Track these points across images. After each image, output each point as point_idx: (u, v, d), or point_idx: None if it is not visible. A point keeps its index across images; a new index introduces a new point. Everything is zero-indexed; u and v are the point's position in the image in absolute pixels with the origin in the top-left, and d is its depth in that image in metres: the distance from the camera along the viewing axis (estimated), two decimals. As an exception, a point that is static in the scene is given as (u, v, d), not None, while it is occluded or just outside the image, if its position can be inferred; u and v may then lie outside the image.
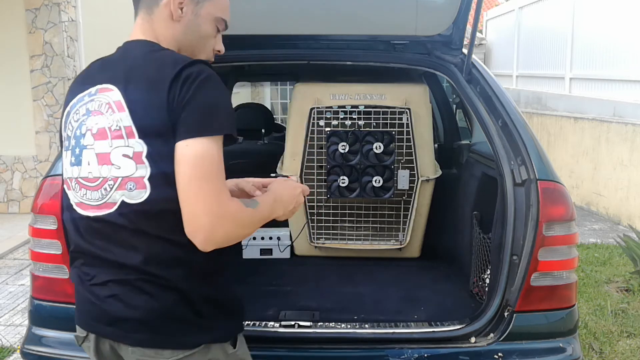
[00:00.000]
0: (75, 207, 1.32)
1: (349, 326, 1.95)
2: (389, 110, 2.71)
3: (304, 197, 1.46)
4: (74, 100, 1.33)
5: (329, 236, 2.85)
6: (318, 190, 2.77)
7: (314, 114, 2.71)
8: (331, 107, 2.72)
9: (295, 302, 2.27)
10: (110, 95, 1.26)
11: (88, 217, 1.29)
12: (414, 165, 2.73)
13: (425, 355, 1.85)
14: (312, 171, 2.76)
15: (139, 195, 1.22)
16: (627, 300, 3.72)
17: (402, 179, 2.74)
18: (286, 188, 1.42)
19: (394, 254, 2.87)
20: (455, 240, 2.75)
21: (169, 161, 1.19)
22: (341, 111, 2.73)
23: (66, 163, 1.34)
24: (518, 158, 1.93)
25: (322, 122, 2.72)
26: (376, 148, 2.71)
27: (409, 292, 2.41)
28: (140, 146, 1.21)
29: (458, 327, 1.90)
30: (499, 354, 1.85)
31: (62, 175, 1.39)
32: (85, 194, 1.29)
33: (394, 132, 2.71)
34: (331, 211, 2.82)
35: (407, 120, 2.70)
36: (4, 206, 6.06)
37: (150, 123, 1.20)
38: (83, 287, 1.33)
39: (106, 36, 6.52)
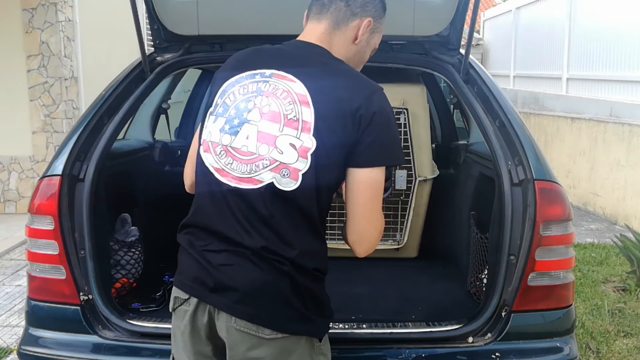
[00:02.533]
0: (213, 171, 1.37)
1: (346, 326, 1.95)
2: (386, 110, 2.71)
3: None
4: (243, 75, 1.41)
5: (326, 236, 2.84)
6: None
7: (311, 114, 2.71)
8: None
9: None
10: (291, 85, 1.35)
11: (226, 186, 1.35)
12: (412, 165, 2.73)
13: (423, 355, 1.85)
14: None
15: (289, 184, 1.31)
16: (624, 300, 3.73)
17: (400, 179, 2.74)
18: None
19: (392, 254, 2.87)
20: (453, 240, 2.76)
21: (328, 166, 1.32)
22: (339, 111, 2.73)
23: (213, 127, 1.40)
24: (515, 158, 1.93)
25: (319, 122, 2.71)
26: (374, 148, 2.70)
27: (407, 292, 2.41)
28: (311, 143, 1.31)
29: (456, 327, 1.90)
30: (497, 354, 1.86)
31: (200, 137, 1.45)
32: (231, 163, 1.35)
33: (391, 132, 2.71)
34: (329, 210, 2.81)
35: (405, 120, 2.70)
36: (1, 206, 6.04)
37: (329, 128, 1.31)
38: (194, 251, 1.38)
39: (103, 36, 6.53)
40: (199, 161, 1.41)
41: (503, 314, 1.87)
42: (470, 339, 1.88)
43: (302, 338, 1.36)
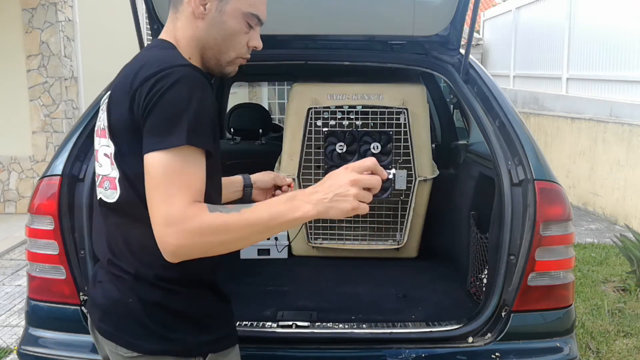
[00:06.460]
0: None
1: (346, 326, 1.95)
2: (386, 110, 2.72)
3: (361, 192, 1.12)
4: (105, 96, 1.30)
5: (326, 236, 2.85)
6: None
7: (311, 114, 2.71)
8: (329, 107, 2.72)
9: (292, 302, 2.27)
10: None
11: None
12: (412, 165, 2.74)
13: (423, 355, 1.85)
14: (310, 171, 2.76)
15: (112, 195, 1.24)
16: (624, 300, 3.73)
17: (400, 179, 2.74)
18: (331, 176, 1.13)
19: (392, 254, 2.87)
20: (453, 240, 2.76)
21: (131, 165, 1.17)
22: (339, 111, 2.73)
23: None
24: (515, 158, 1.93)
25: (319, 122, 2.72)
26: (374, 148, 2.71)
27: (407, 292, 2.41)
28: (110, 148, 1.22)
29: (455, 327, 1.90)
30: (497, 354, 1.85)
31: None
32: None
33: (391, 132, 2.71)
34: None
35: (405, 120, 2.71)
36: (1, 206, 6.05)
37: (115, 125, 1.19)
38: (95, 268, 1.39)
39: (103, 36, 6.53)
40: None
41: (503, 314, 1.87)
42: (470, 339, 1.87)
43: (166, 357, 1.23)
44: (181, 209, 1.07)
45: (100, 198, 1.27)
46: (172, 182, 1.08)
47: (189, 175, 1.10)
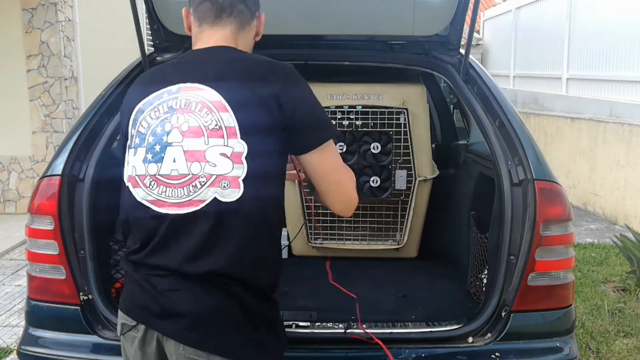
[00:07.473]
0: (148, 204, 1.29)
1: (346, 326, 1.94)
2: (386, 110, 2.72)
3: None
4: (149, 98, 1.34)
5: (326, 236, 2.85)
6: (315, 190, 2.77)
7: (311, 114, 2.71)
8: (329, 108, 2.72)
9: (293, 303, 2.27)
10: (202, 94, 1.29)
11: (166, 216, 1.27)
12: (412, 165, 2.74)
13: (423, 355, 1.85)
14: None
15: (232, 194, 1.26)
16: (624, 300, 3.73)
17: (400, 179, 2.74)
18: None
19: (392, 254, 2.87)
20: (453, 240, 2.76)
21: (266, 162, 1.28)
22: (339, 111, 2.73)
23: (135, 160, 1.33)
24: (515, 158, 1.93)
25: (319, 122, 2.72)
26: (374, 148, 2.71)
27: (407, 292, 2.41)
28: (241, 146, 1.26)
29: (455, 327, 1.90)
30: (496, 354, 1.86)
31: (123, 174, 1.37)
32: (165, 191, 1.28)
33: (391, 132, 2.71)
34: (329, 211, 2.82)
35: (405, 120, 2.71)
36: (1, 206, 6.04)
37: (252, 126, 1.27)
38: (139, 276, 1.32)
39: (103, 36, 6.53)
40: (130, 199, 1.33)
41: (503, 314, 1.87)
42: (470, 339, 1.88)
43: None
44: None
45: (215, 198, 1.25)
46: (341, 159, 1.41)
47: None
